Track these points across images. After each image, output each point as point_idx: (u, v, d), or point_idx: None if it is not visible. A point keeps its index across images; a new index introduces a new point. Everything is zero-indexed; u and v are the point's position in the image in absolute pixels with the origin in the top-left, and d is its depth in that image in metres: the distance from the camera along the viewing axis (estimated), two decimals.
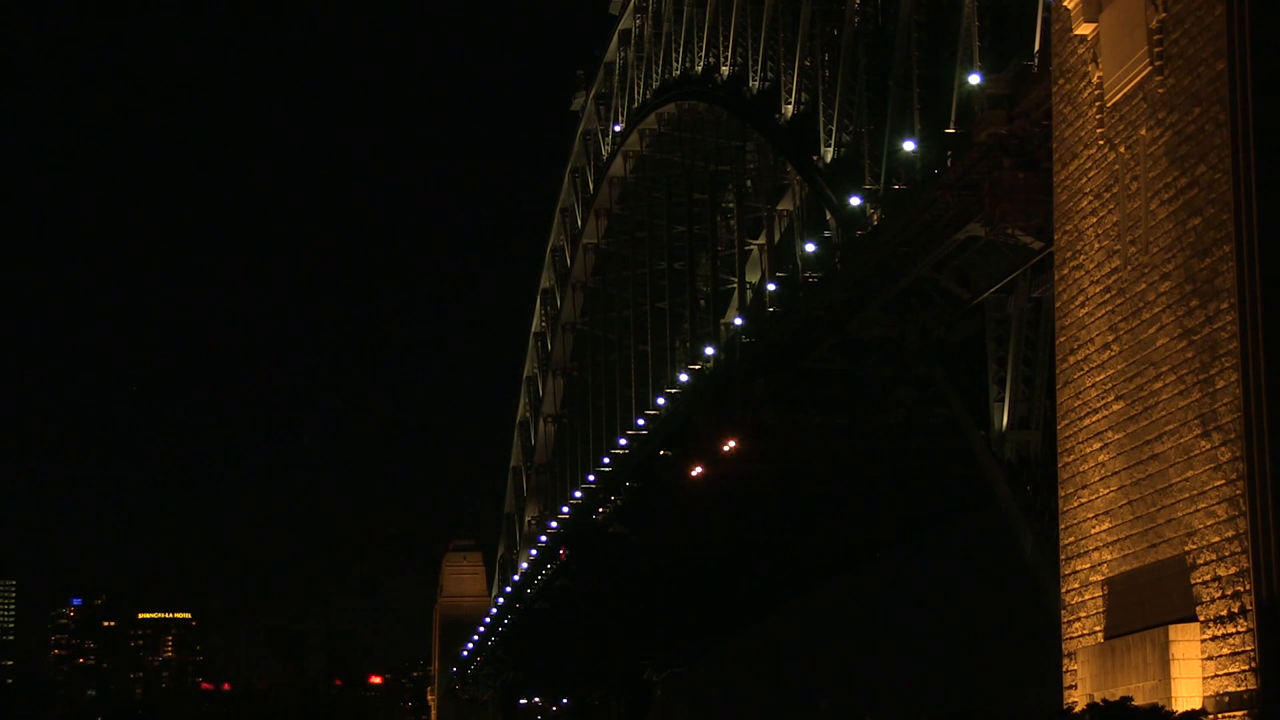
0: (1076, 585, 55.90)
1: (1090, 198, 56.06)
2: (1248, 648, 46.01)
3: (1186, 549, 48.81)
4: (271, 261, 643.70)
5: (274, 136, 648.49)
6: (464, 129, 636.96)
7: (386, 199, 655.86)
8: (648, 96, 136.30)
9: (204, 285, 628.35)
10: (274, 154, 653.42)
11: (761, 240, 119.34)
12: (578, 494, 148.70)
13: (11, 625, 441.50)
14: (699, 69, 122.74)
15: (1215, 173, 48.31)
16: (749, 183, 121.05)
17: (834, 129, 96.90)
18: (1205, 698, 47.83)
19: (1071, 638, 56.06)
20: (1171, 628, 48.55)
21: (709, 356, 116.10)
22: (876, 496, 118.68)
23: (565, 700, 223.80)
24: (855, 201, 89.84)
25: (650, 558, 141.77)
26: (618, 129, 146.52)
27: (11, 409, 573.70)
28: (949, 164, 75.57)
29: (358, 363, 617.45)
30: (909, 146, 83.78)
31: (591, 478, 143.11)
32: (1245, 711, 46.09)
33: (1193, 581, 48.41)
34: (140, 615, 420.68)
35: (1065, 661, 56.48)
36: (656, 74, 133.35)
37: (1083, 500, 55.60)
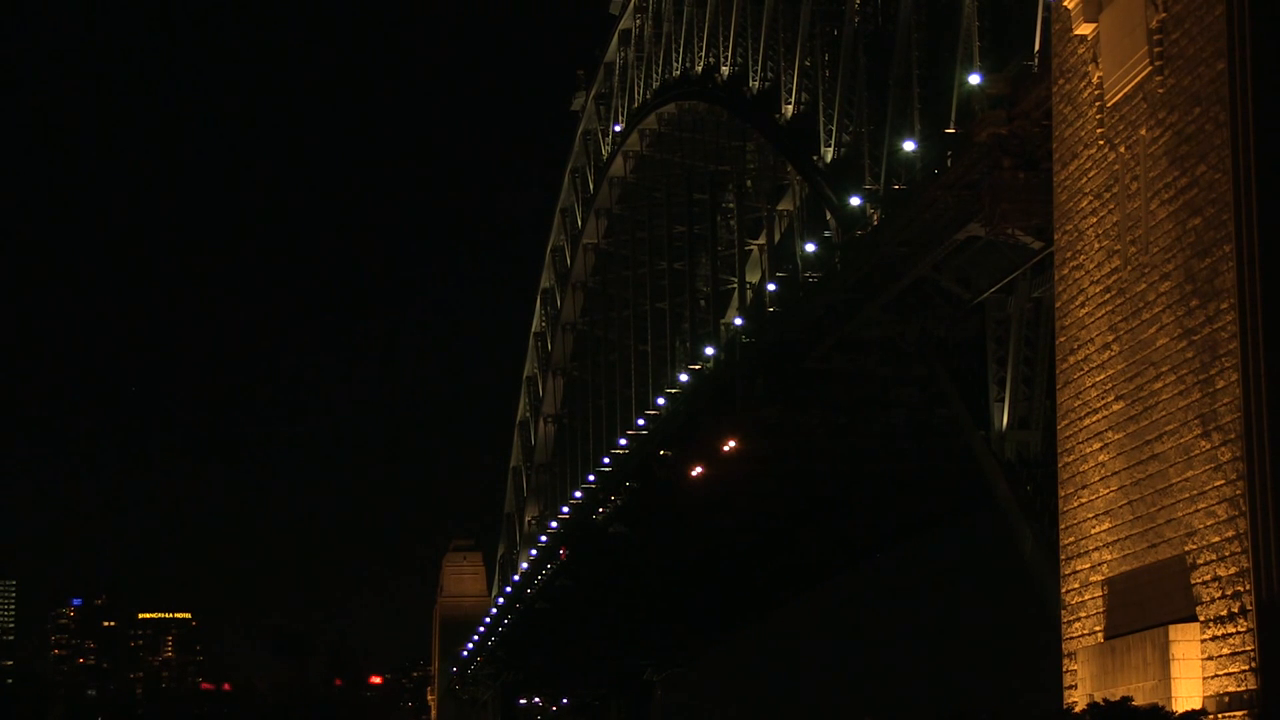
0: (1076, 585, 55.91)
1: (1090, 198, 56.08)
2: (1248, 648, 46.02)
3: (1186, 549, 48.81)
4: (271, 261, 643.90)
5: (273, 136, 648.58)
6: (464, 129, 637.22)
7: (386, 199, 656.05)
8: (648, 96, 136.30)
9: (204, 286, 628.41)
10: (274, 153, 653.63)
11: (761, 240, 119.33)
12: (578, 494, 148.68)
13: (11, 625, 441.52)
14: (699, 69, 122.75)
15: (1215, 173, 48.32)
16: (749, 183, 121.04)
17: (834, 129, 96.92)
18: (1205, 698, 47.83)
19: (1071, 638, 56.07)
20: (1171, 628, 48.56)
21: (709, 356, 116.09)
22: (877, 496, 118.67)
23: (565, 700, 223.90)
24: (855, 201, 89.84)
25: (650, 557, 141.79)
26: (618, 129, 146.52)
27: (12, 409, 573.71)
28: (949, 164, 75.57)
29: (357, 363, 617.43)
30: (909, 146, 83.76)
31: (591, 478, 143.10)
32: (1245, 711, 46.10)
33: (1193, 581, 48.42)
34: (140, 615, 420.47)
35: (1065, 661, 56.49)
36: (656, 74, 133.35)
37: (1083, 500, 55.62)
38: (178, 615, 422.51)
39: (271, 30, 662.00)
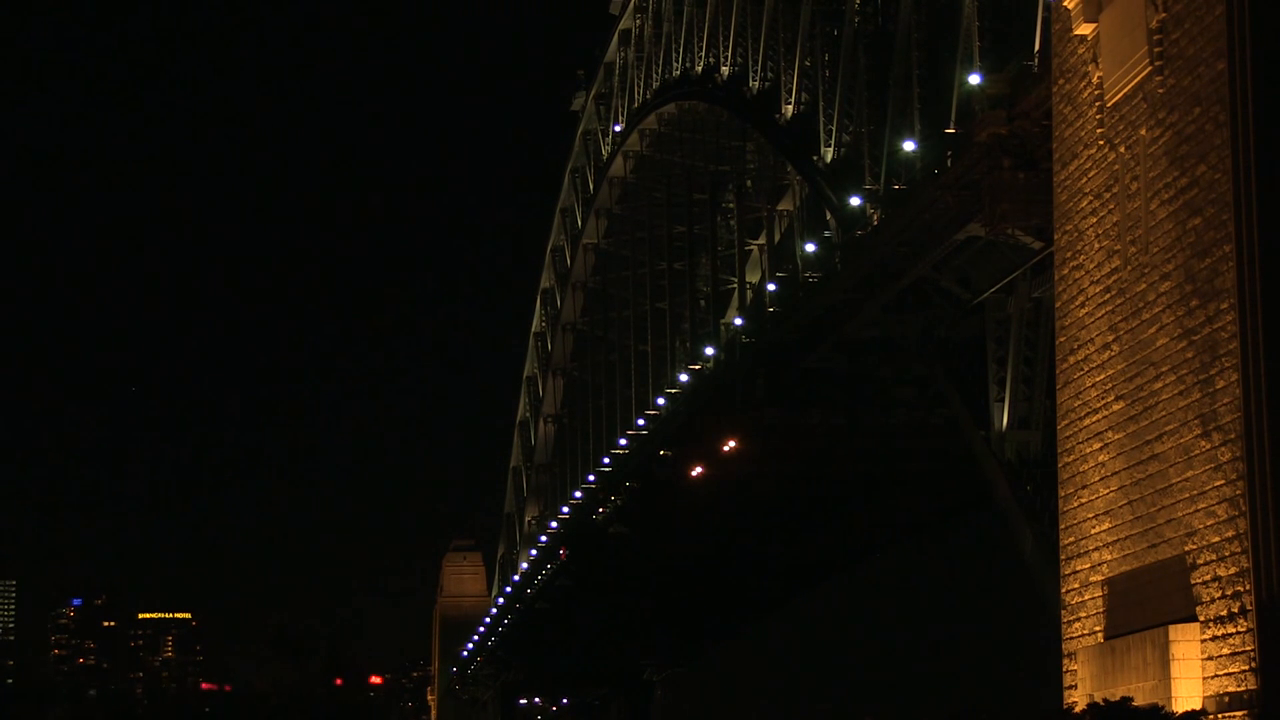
0: (1076, 585, 55.90)
1: (1090, 198, 56.06)
2: (1248, 648, 46.01)
3: (1186, 549, 48.80)
4: (271, 262, 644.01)
5: (274, 136, 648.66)
6: (464, 129, 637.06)
7: (386, 199, 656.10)
8: (648, 96, 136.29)
9: (204, 286, 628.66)
10: (275, 154, 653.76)
11: (761, 240, 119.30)
12: (578, 494, 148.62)
13: (11, 625, 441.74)
14: (699, 69, 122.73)
15: (1215, 173, 48.30)
16: (749, 183, 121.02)
17: (834, 129, 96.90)
18: (1205, 698, 47.82)
19: (1071, 638, 56.06)
20: (1171, 628, 48.55)
21: (709, 356, 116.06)
22: (876, 496, 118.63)
23: (565, 700, 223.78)
24: (855, 201, 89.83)
25: (650, 557, 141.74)
26: (618, 129, 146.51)
27: (12, 409, 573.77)
28: (949, 164, 75.57)
29: (357, 363, 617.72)
30: (909, 146, 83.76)
31: (591, 478, 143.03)
32: (1245, 711, 46.08)
33: (1193, 581, 48.40)
34: (140, 615, 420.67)
35: (1065, 661, 56.48)
36: (656, 74, 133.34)
37: (1083, 500, 55.60)
38: (178, 615, 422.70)
39: (273, 31, 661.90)
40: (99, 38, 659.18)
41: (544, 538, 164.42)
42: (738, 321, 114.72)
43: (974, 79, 74.25)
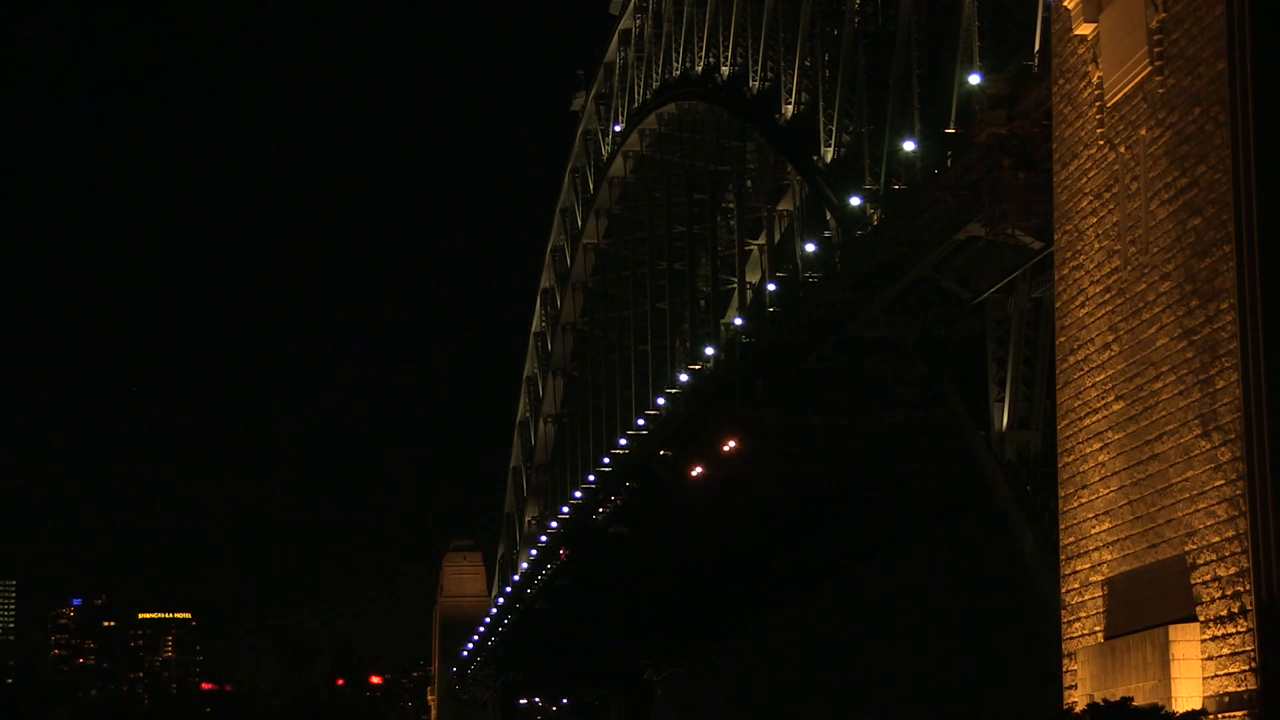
0: (1076, 585, 55.90)
1: (1090, 198, 56.07)
2: (1248, 648, 46.01)
3: (1186, 549, 48.81)
4: (272, 262, 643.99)
5: (274, 135, 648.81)
6: (465, 129, 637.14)
7: (386, 199, 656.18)
8: (648, 97, 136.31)
9: (204, 286, 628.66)
10: (274, 153, 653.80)
11: (761, 240, 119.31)
12: (578, 494, 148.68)
13: (12, 625, 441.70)
14: (699, 69, 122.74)
15: (1215, 173, 48.31)
16: (749, 183, 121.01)
17: (834, 129, 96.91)
18: (1205, 698, 47.83)
19: (1071, 638, 56.06)
20: (1171, 628, 48.55)
21: (709, 356, 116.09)
22: (877, 496, 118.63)
23: (565, 700, 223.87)
24: (855, 201, 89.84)
25: (650, 557, 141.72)
26: (618, 129, 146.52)
27: (12, 409, 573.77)
28: (949, 164, 75.57)
29: (358, 363, 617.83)
30: (909, 146, 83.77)
31: (591, 478, 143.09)
32: (1245, 711, 46.09)
33: (1193, 581, 48.41)
34: (140, 615, 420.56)
35: (1065, 661, 56.49)
36: (656, 74, 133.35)
37: (1083, 500, 55.61)
38: (178, 615, 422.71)
39: (272, 31, 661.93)
40: (96, 34, 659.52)
41: (544, 538, 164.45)
42: (738, 321, 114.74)
43: (974, 79, 74.27)
